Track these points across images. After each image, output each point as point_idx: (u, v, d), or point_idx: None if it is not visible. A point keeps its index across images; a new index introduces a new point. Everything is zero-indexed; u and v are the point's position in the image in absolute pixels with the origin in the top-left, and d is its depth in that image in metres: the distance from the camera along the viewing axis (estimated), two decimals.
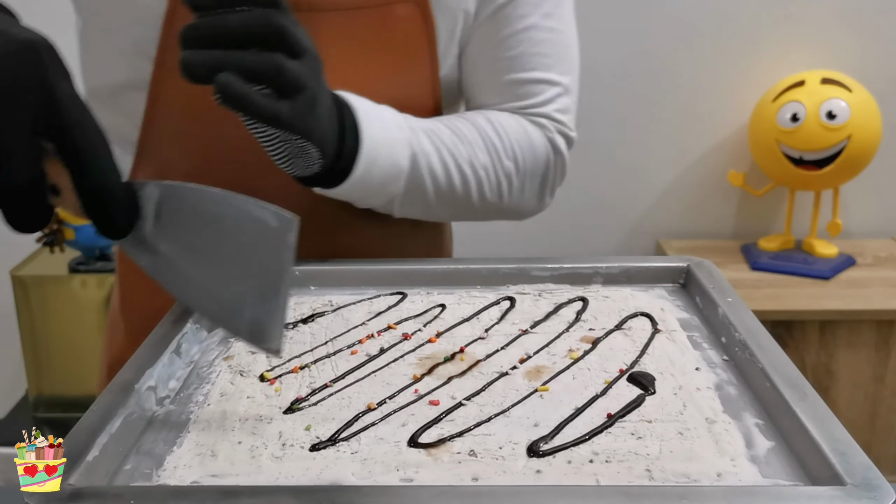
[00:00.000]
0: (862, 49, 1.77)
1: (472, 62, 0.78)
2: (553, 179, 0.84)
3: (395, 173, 0.69)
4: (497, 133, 0.76)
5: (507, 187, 0.78)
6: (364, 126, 0.65)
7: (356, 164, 0.66)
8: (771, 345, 0.55)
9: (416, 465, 0.45)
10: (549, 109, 0.81)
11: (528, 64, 0.78)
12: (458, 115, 0.78)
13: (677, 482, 0.44)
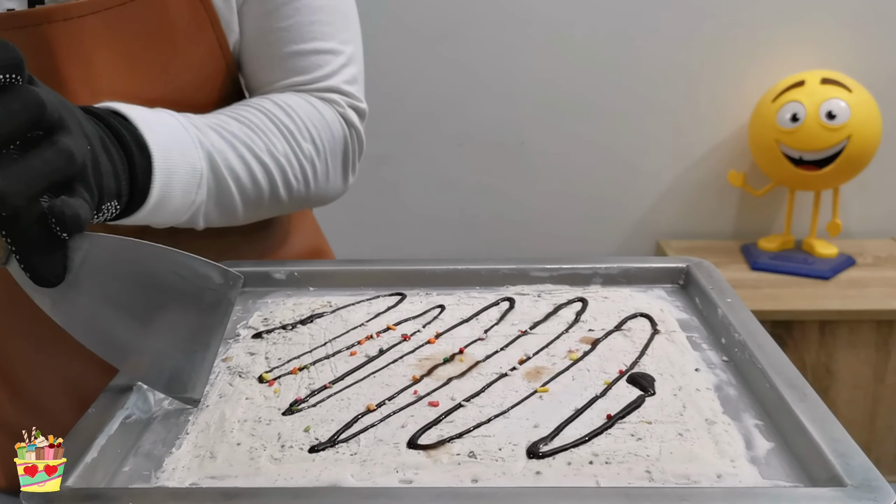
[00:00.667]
0: (862, 49, 1.77)
1: (248, 38, 0.73)
2: (353, 156, 0.78)
3: (195, 179, 0.63)
4: (288, 115, 0.71)
5: (312, 172, 0.73)
6: (148, 137, 0.58)
7: (153, 180, 0.59)
8: (771, 345, 0.55)
9: (415, 467, 0.45)
10: (336, 82, 0.75)
11: (308, 34, 0.73)
12: (241, 103, 0.73)
13: (677, 483, 0.44)
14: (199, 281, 0.50)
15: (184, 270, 0.50)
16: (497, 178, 1.86)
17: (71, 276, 0.48)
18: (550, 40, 1.78)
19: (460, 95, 1.81)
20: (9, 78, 0.42)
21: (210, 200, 0.67)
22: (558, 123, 1.82)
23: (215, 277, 0.50)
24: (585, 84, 1.81)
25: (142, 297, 0.50)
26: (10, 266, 0.47)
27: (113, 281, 0.49)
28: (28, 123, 0.43)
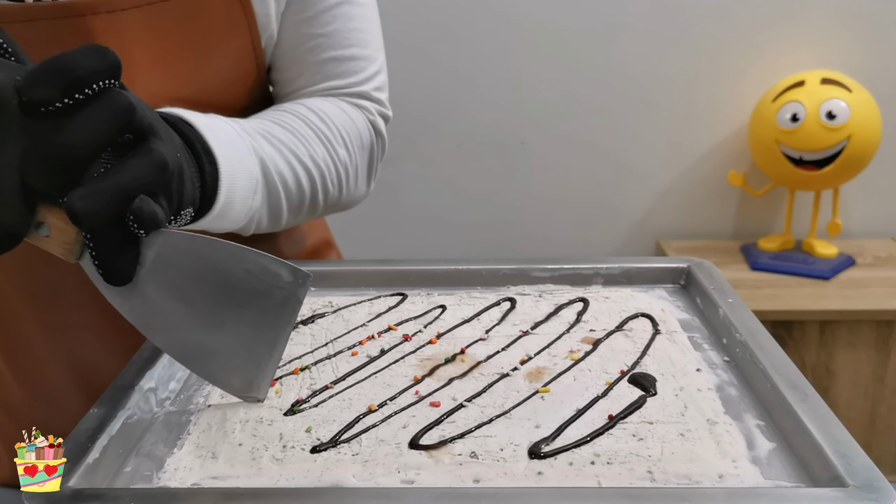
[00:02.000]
0: (862, 49, 1.77)
1: (286, 42, 0.74)
2: (377, 162, 0.80)
3: (252, 185, 0.64)
4: (324, 121, 0.73)
5: (346, 178, 0.75)
6: (213, 144, 0.59)
7: (220, 186, 0.59)
8: (772, 346, 0.55)
9: (417, 467, 0.45)
10: (368, 88, 0.78)
11: (346, 40, 0.75)
12: (276, 108, 0.74)
13: (679, 484, 0.44)
14: (269, 279, 0.50)
15: (253, 268, 0.50)
16: (497, 178, 1.86)
17: (143, 273, 0.48)
18: (550, 40, 1.78)
19: (460, 96, 1.81)
20: (107, 83, 0.43)
21: (263, 206, 0.68)
22: (558, 123, 1.82)
23: (284, 275, 0.50)
24: (585, 84, 1.81)
25: (211, 294, 0.50)
26: (83, 261, 0.48)
27: (183, 278, 0.49)
28: (121, 128, 0.44)
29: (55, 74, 0.41)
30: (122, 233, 0.46)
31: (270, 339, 0.51)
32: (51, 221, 0.46)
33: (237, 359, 0.51)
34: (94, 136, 0.42)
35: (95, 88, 0.42)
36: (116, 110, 0.43)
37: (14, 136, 0.42)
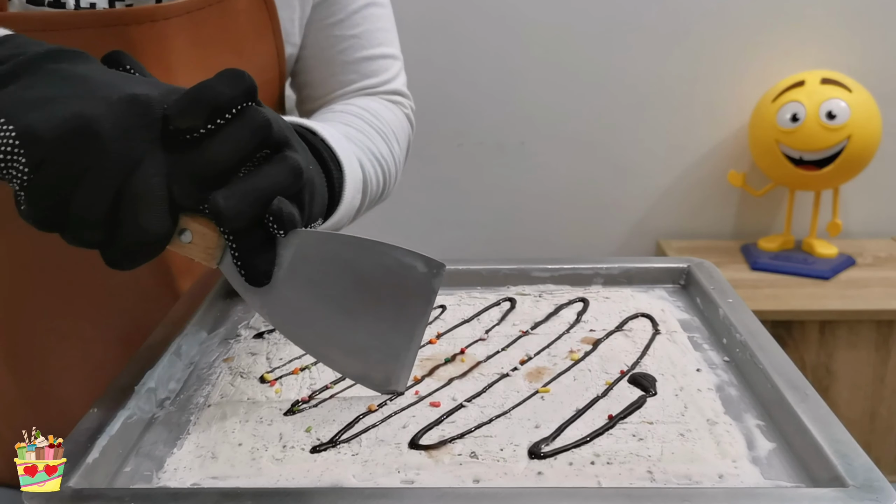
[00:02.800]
0: (862, 49, 1.77)
1: (316, 47, 0.78)
2: (407, 156, 0.85)
3: (359, 187, 0.66)
4: (378, 119, 0.76)
5: (397, 171, 0.78)
6: (337, 150, 0.62)
7: (344, 191, 0.62)
8: (772, 346, 0.55)
9: (416, 467, 0.45)
10: (398, 85, 0.83)
11: (375, 40, 0.80)
12: (330, 110, 0.77)
13: (679, 484, 0.44)
14: (404, 271, 0.50)
15: (388, 261, 0.50)
16: (497, 178, 1.86)
17: (281, 273, 0.49)
18: (551, 40, 1.78)
19: (460, 96, 1.81)
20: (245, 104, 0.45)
21: (362, 204, 0.70)
22: (558, 123, 1.83)
23: (419, 267, 0.50)
24: (585, 84, 1.81)
25: (347, 291, 0.50)
26: (222, 265, 0.49)
27: (320, 275, 0.50)
28: (259, 144, 0.46)
29: (199, 104, 0.44)
30: (262, 235, 0.47)
31: (407, 331, 0.52)
32: (193, 228, 0.47)
33: (376, 353, 0.52)
34: (235, 154, 0.45)
35: (234, 111, 0.45)
36: (255, 128, 0.45)
37: (160, 152, 0.44)
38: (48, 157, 0.42)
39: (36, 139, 0.41)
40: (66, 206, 0.43)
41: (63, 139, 0.42)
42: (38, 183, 0.42)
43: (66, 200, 0.43)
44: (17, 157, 0.42)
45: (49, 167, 0.42)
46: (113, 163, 0.43)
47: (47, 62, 0.45)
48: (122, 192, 0.43)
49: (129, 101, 0.43)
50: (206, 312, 0.65)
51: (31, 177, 0.42)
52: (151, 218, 0.44)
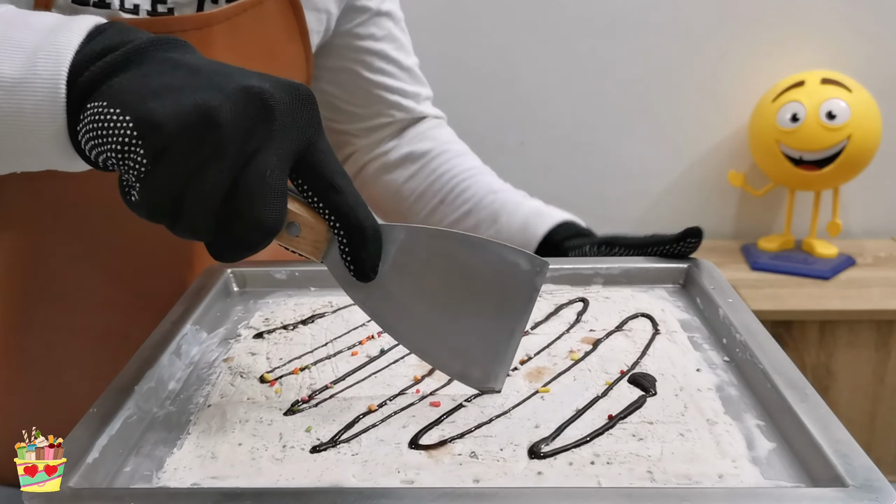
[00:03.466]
0: (862, 49, 1.77)
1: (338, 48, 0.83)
2: None
3: None
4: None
5: None
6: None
7: None
8: (772, 346, 0.55)
9: (416, 467, 0.45)
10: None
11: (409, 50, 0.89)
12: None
13: (679, 484, 0.44)
14: (506, 268, 0.50)
15: (491, 258, 0.50)
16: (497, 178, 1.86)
17: (385, 269, 0.49)
18: (550, 40, 1.78)
19: (461, 95, 1.80)
20: None
21: None
22: (558, 123, 1.82)
23: (522, 264, 0.50)
24: (585, 84, 1.81)
25: (450, 286, 0.50)
26: (327, 260, 0.49)
27: (424, 271, 0.50)
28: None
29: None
30: (370, 229, 0.48)
31: (508, 328, 0.52)
32: (302, 221, 0.47)
33: (476, 350, 0.52)
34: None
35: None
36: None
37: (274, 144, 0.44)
38: (168, 147, 0.41)
39: (156, 129, 0.41)
40: (181, 197, 0.43)
41: (183, 129, 0.41)
42: (158, 173, 0.42)
43: (182, 192, 0.42)
44: (134, 147, 0.41)
45: (169, 157, 0.41)
46: (231, 154, 0.42)
47: (156, 51, 0.44)
48: (237, 184, 0.43)
49: (245, 91, 0.43)
50: (206, 312, 0.65)
51: (149, 167, 0.42)
52: (266, 210, 0.43)
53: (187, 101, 0.41)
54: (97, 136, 0.42)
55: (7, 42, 0.44)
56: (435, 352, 0.52)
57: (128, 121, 0.41)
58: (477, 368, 0.52)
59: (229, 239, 0.44)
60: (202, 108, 0.41)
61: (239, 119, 0.42)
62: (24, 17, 0.46)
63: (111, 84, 0.42)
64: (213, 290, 0.68)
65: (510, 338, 0.52)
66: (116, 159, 0.42)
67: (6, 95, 0.44)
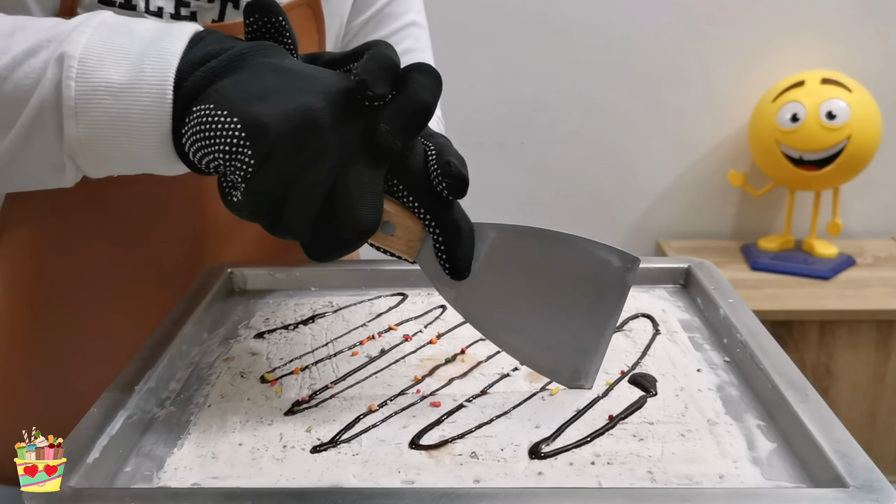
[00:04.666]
0: (862, 49, 1.77)
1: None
2: None
3: None
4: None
5: None
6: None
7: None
8: (772, 346, 0.55)
9: (417, 467, 0.45)
10: None
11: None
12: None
13: (679, 484, 0.44)
14: (597, 265, 0.50)
15: (582, 255, 0.50)
16: (497, 178, 1.86)
17: (477, 266, 0.49)
18: (550, 40, 1.78)
19: (460, 96, 1.80)
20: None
21: None
22: (558, 124, 1.82)
23: (614, 261, 0.50)
24: (585, 84, 1.81)
25: (541, 284, 0.50)
26: (420, 258, 0.49)
27: (515, 269, 0.50)
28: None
29: (386, 70, 0.44)
30: (464, 227, 0.49)
31: (599, 326, 0.52)
32: (396, 221, 0.48)
33: (567, 347, 0.52)
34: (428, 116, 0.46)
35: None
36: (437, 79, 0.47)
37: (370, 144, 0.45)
38: (275, 149, 0.42)
39: (264, 131, 0.41)
40: (284, 197, 0.43)
41: (289, 131, 0.42)
42: (264, 175, 0.43)
43: (285, 192, 0.43)
44: (242, 149, 0.42)
45: (275, 159, 0.42)
46: (333, 155, 0.43)
47: (256, 56, 0.45)
48: (336, 185, 0.44)
49: (346, 93, 0.44)
50: (206, 312, 0.65)
51: (255, 169, 0.42)
52: (364, 210, 0.44)
53: (292, 105, 0.42)
54: (204, 138, 0.42)
55: (113, 48, 0.45)
56: (525, 350, 0.52)
57: (235, 123, 0.42)
58: (567, 366, 0.52)
59: (326, 239, 0.45)
60: (306, 111, 0.42)
61: (338, 121, 0.43)
62: (126, 24, 0.47)
63: (216, 88, 0.43)
64: (214, 290, 0.67)
65: (601, 335, 0.52)
66: (223, 160, 0.42)
67: (114, 100, 0.45)
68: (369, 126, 0.45)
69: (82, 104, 0.45)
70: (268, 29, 0.48)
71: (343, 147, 0.44)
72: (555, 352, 0.52)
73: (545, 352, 0.52)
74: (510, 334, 0.52)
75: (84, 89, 0.45)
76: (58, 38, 0.46)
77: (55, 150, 0.47)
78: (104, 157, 0.47)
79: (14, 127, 0.46)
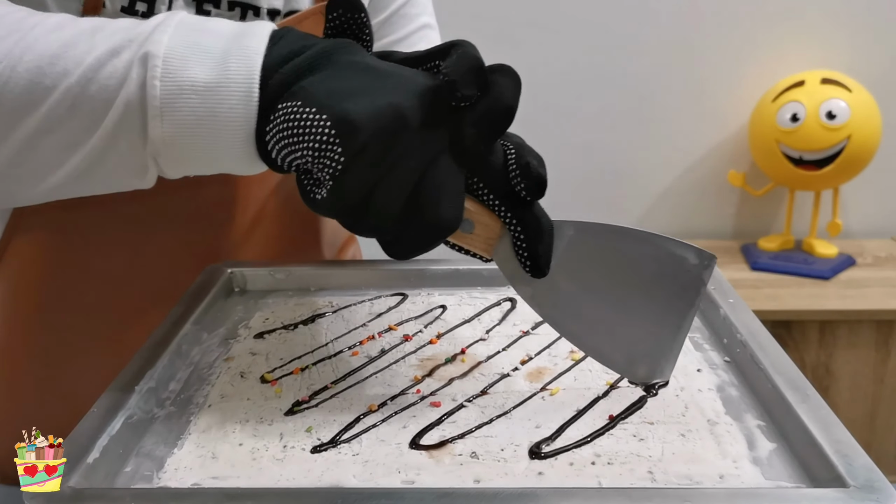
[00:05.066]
0: (862, 49, 1.77)
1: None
2: None
3: None
4: None
5: None
6: None
7: None
8: (772, 346, 0.55)
9: (417, 468, 0.45)
10: None
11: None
12: None
13: (679, 484, 0.44)
14: (674, 262, 0.50)
15: (659, 252, 0.50)
16: None
17: (554, 264, 0.49)
18: (549, 40, 1.78)
19: None
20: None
21: None
22: (557, 124, 1.82)
23: (690, 258, 0.50)
24: (585, 84, 1.81)
25: (619, 281, 0.50)
26: (497, 256, 0.49)
27: (591, 266, 0.50)
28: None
29: (475, 72, 0.45)
30: (543, 224, 0.49)
31: (676, 324, 0.51)
32: (476, 218, 0.48)
33: (643, 345, 0.52)
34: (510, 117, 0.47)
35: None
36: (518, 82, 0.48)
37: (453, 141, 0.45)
38: (365, 146, 0.42)
39: (353, 128, 0.42)
40: (370, 195, 0.44)
41: (379, 129, 0.42)
42: (352, 172, 0.43)
43: (371, 190, 0.43)
44: (331, 146, 0.42)
45: (364, 156, 0.42)
46: (419, 153, 0.44)
47: (340, 54, 0.45)
48: (421, 182, 0.44)
49: (433, 91, 0.44)
50: (206, 312, 0.65)
51: (344, 166, 0.42)
52: (447, 208, 0.45)
53: (381, 103, 0.42)
54: (292, 135, 0.43)
55: (196, 47, 0.45)
56: (601, 347, 0.52)
57: (325, 120, 0.42)
58: (643, 364, 0.52)
59: (409, 236, 0.45)
60: (396, 109, 0.42)
61: (426, 118, 0.44)
62: (205, 24, 0.47)
63: (302, 86, 0.43)
64: (214, 290, 0.67)
65: (677, 333, 0.51)
66: (312, 157, 0.42)
67: (199, 99, 0.45)
68: (455, 126, 0.45)
69: (167, 104, 0.45)
70: (349, 26, 0.48)
71: (429, 146, 0.44)
72: (630, 350, 0.52)
73: (621, 350, 0.52)
74: (586, 332, 0.52)
75: (169, 88, 0.45)
76: (138, 38, 0.46)
77: (139, 152, 0.47)
78: (187, 156, 0.47)
79: (99, 128, 0.46)
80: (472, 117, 0.45)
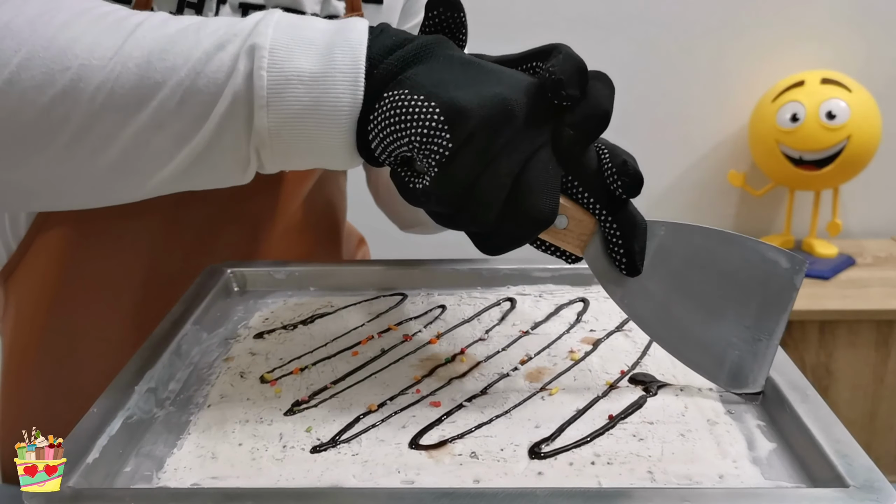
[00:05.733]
0: (862, 49, 1.77)
1: None
2: None
3: None
4: None
5: None
6: None
7: None
8: None
9: (417, 467, 0.45)
10: None
11: None
12: None
13: (679, 484, 0.44)
14: (766, 266, 0.50)
15: (751, 256, 0.50)
16: None
17: (646, 265, 0.49)
18: (549, 39, 1.77)
19: None
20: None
21: None
22: None
23: (782, 262, 0.50)
24: None
25: (710, 284, 0.50)
26: (588, 254, 0.49)
27: (683, 268, 0.50)
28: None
29: (581, 74, 0.45)
30: (638, 222, 0.49)
31: (768, 329, 0.51)
32: (570, 214, 0.48)
33: (734, 350, 0.51)
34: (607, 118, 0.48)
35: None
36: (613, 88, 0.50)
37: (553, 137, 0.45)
38: (473, 135, 0.42)
39: (463, 115, 0.42)
40: (473, 185, 0.44)
41: (487, 118, 0.42)
42: (460, 160, 0.43)
43: (475, 180, 0.44)
44: (440, 133, 0.42)
45: (472, 144, 0.43)
46: (522, 146, 0.44)
47: (442, 49, 0.46)
48: (521, 175, 0.44)
49: (537, 86, 0.44)
50: (206, 312, 0.65)
51: (452, 153, 0.43)
52: (545, 202, 0.45)
53: (489, 93, 0.43)
54: (398, 122, 0.43)
55: (300, 39, 0.46)
56: (690, 352, 0.51)
57: (433, 107, 0.42)
58: (732, 370, 0.51)
59: (504, 230, 0.46)
60: (504, 100, 0.43)
61: (531, 111, 0.44)
62: (303, 20, 0.48)
63: (408, 76, 0.44)
64: (213, 290, 0.67)
65: (770, 339, 0.51)
66: (418, 144, 0.43)
67: (305, 89, 0.45)
68: (555, 124, 0.45)
69: (274, 94, 0.45)
70: (448, 24, 0.48)
71: (531, 140, 0.44)
72: (722, 355, 0.51)
73: (712, 355, 0.51)
74: (676, 335, 0.51)
75: (276, 78, 0.45)
76: (242, 32, 0.46)
77: (243, 144, 0.47)
78: (289, 148, 0.47)
79: (207, 121, 0.46)
80: (571, 119, 0.45)
